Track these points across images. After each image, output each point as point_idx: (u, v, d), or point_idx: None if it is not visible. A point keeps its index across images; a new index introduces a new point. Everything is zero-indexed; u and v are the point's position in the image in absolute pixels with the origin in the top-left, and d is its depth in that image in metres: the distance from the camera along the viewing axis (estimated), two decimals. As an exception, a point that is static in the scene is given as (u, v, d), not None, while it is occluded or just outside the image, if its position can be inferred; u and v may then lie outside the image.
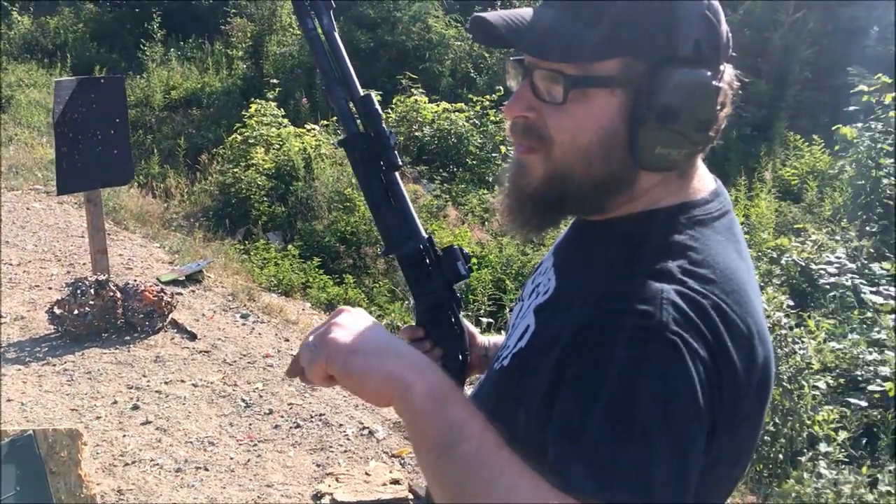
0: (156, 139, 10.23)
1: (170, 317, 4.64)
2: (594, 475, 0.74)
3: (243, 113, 9.18)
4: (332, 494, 3.21)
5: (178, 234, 6.89)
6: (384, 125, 1.30)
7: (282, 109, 9.27)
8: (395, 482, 3.27)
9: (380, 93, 9.45)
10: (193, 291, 5.27)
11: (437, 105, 9.12)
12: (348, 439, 3.64)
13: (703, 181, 1.00)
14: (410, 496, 3.18)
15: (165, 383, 3.98)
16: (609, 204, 0.96)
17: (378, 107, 1.31)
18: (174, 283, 5.25)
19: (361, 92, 1.31)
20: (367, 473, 3.31)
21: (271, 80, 10.07)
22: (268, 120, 8.91)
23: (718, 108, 0.93)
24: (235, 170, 8.26)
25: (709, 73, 0.90)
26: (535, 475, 0.75)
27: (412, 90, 9.37)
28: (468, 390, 1.17)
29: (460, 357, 1.30)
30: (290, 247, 6.77)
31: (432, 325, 1.31)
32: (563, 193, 0.95)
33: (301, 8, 1.30)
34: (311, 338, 0.89)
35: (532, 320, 1.01)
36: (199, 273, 5.48)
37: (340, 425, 3.70)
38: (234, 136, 8.80)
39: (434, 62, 11.30)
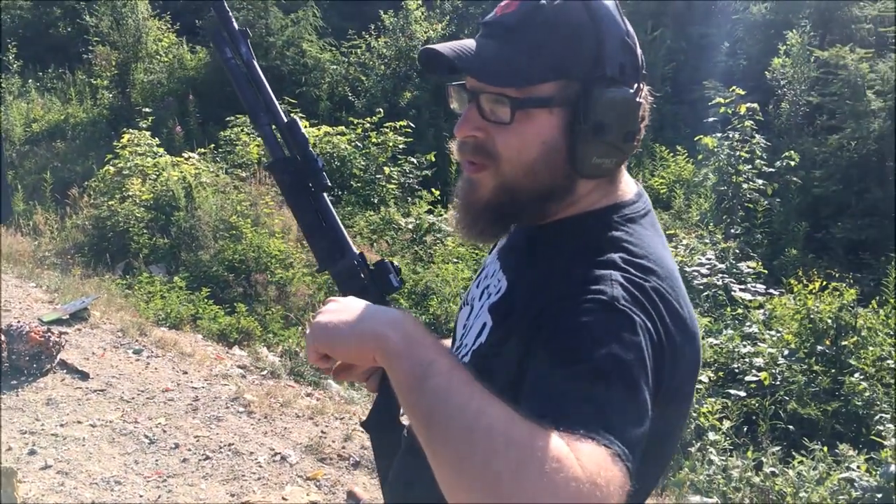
0: (18, 175, 9.73)
1: (58, 357, 4.44)
2: (553, 409, 0.81)
3: (115, 143, 8.87)
4: (250, 523, 3.18)
5: (54, 273, 6.58)
6: (310, 149, 1.36)
7: (156, 138, 9.02)
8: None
9: (257, 118, 9.36)
10: (80, 330, 5.06)
11: (318, 129, 9.12)
12: (261, 466, 3.60)
13: (628, 184, 1.13)
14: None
15: (61, 426, 3.81)
16: (553, 209, 1.07)
17: (304, 132, 1.37)
18: (58, 322, 5.03)
19: (286, 118, 1.36)
20: (283, 498, 3.29)
21: (143, 109, 9.78)
22: (142, 150, 8.65)
23: (640, 120, 1.06)
24: (110, 202, 7.97)
25: (632, 91, 1.02)
26: (503, 403, 0.80)
27: (291, 115, 9.30)
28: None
29: None
30: (175, 279, 6.59)
31: None
32: (512, 204, 1.06)
33: (219, 38, 1.37)
34: (307, 329, 0.99)
35: (488, 318, 1.10)
36: (84, 311, 5.26)
37: (251, 453, 3.66)
38: (106, 167, 8.49)
39: (311, 86, 11.29)
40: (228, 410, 4.15)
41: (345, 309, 0.99)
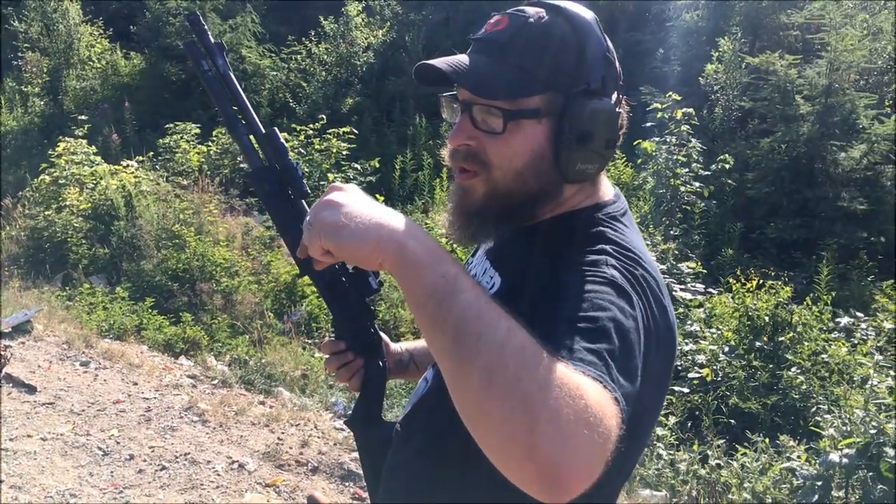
0: (-54, 185, 9.41)
1: (3, 371, 4.33)
2: (562, 355, 0.86)
3: (50, 152, 8.66)
4: (211, 532, 3.16)
5: (-10, 285, 6.40)
6: (289, 157, 1.38)
7: (92, 146, 8.83)
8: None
9: (197, 125, 9.25)
10: (24, 343, 4.93)
11: (261, 136, 9.04)
12: (219, 475, 3.58)
13: (607, 186, 1.21)
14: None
15: (10, 440, 3.72)
16: (541, 212, 1.14)
17: (282, 140, 1.39)
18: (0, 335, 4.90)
19: (264, 128, 1.38)
20: (243, 507, 3.29)
21: (78, 117, 9.56)
22: (78, 158, 8.47)
23: (619, 128, 1.14)
24: (47, 213, 7.78)
25: (612, 102, 1.10)
26: (525, 327, 0.85)
27: (270, 126, 9.21)
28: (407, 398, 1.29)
29: (381, 364, 1.44)
30: (118, 289, 6.47)
31: (352, 337, 1.43)
32: (503, 208, 1.12)
33: (196, 51, 1.37)
34: (308, 217, 0.99)
35: None
36: (26, 323, 5.14)
37: (208, 462, 3.64)
38: (41, 177, 8.28)
39: (251, 92, 11.19)
40: (182, 420, 4.11)
41: (354, 203, 0.97)
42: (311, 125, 9.24)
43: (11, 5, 12.42)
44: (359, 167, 9.03)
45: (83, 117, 9.64)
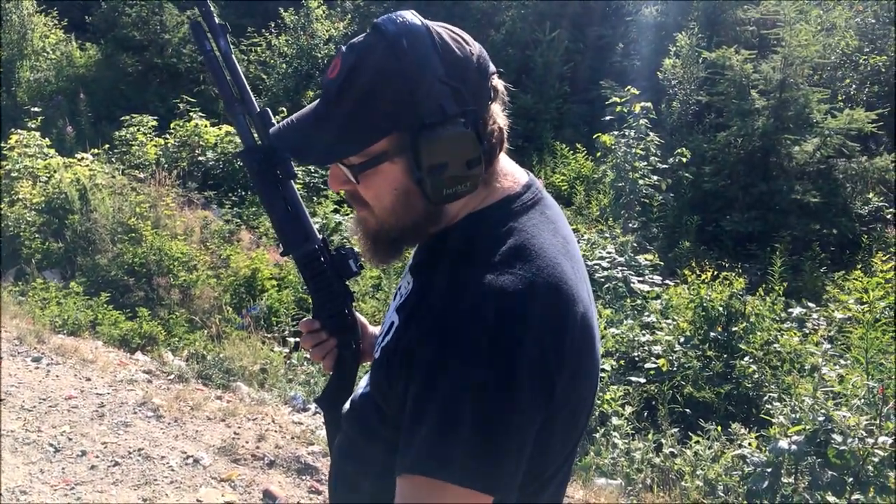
0: None
1: (-49, 368, 4.24)
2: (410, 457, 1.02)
3: (2, 145, 8.47)
4: (164, 528, 3.14)
5: (-61, 280, 6.25)
6: None
7: (45, 139, 8.66)
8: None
9: (154, 118, 9.13)
10: (-25, 339, 4.84)
11: (219, 128, 8.95)
12: (173, 470, 3.55)
13: (514, 176, 1.18)
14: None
15: (-42, 438, 3.65)
16: (433, 229, 1.16)
17: (275, 122, 1.39)
18: (-52, 331, 4.79)
19: (258, 108, 1.42)
20: (198, 500, 3.26)
21: (31, 109, 9.37)
22: (32, 151, 8.29)
23: (490, 136, 1.11)
24: (-1, 206, 7.62)
25: (461, 122, 1.06)
26: None
27: (191, 114, 9.12)
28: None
29: (353, 345, 1.48)
30: (72, 284, 6.36)
31: (327, 317, 1.47)
32: (392, 237, 1.17)
33: (199, 30, 1.42)
34: None
35: (395, 317, 1.19)
36: (-24, 319, 5.03)
37: (162, 457, 3.60)
38: (-7, 169, 8.10)
39: (210, 84, 11.05)
40: (136, 416, 4.06)
41: None
42: (271, 118, 9.15)
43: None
44: (319, 160, 8.96)
45: (36, 109, 9.45)
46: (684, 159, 8.09)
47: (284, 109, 9.39)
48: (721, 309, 5.38)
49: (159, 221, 7.35)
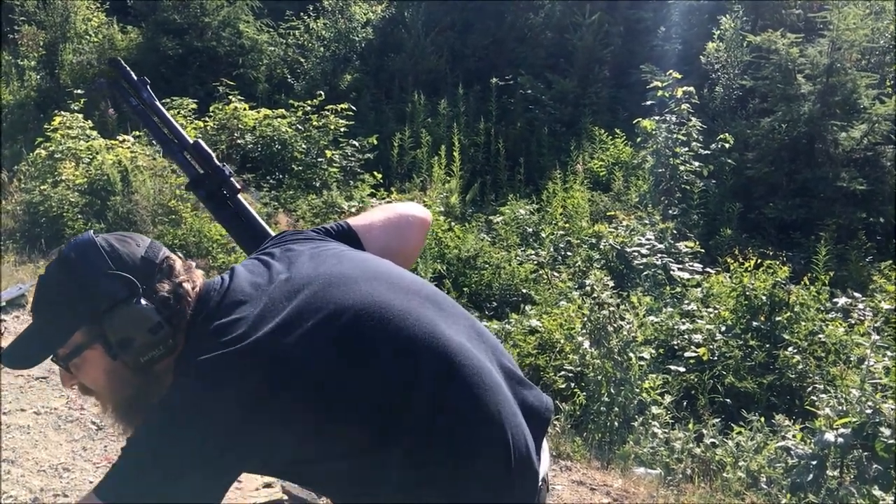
0: (-58, 158, 9.34)
1: (-3, 345, 4.33)
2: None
3: (45, 126, 8.60)
4: (204, 507, 3.16)
5: (-14, 259, 6.38)
6: (216, 161, 1.62)
7: (88, 121, 8.77)
8: (268, 486, 3.26)
9: (194, 100, 9.19)
10: (18, 317, 4.92)
11: (258, 112, 8.99)
12: (212, 451, 3.57)
13: (205, 292, 1.33)
14: (285, 497, 3.20)
15: (4, 414, 3.72)
16: (164, 383, 1.30)
17: (207, 148, 1.63)
18: (-6, 309, 4.88)
19: (190, 140, 1.63)
20: (238, 481, 3.28)
21: (75, 91, 9.49)
22: (75, 133, 8.42)
23: (163, 302, 1.29)
24: (42, 187, 7.74)
25: (133, 300, 1.26)
26: None
27: (230, 97, 9.16)
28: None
29: None
30: (114, 264, 6.44)
31: None
32: (125, 412, 1.33)
33: (122, 90, 1.66)
34: None
35: None
36: (20, 297, 5.12)
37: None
38: (37, 151, 8.23)
39: (248, 68, 11.11)
40: (176, 396, 4.11)
41: None
42: (309, 101, 9.18)
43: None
44: (356, 144, 8.99)
45: (79, 92, 9.57)
46: (727, 145, 7.94)
47: (322, 93, 9.40)
48: (764, 298, 5.28)
49: (198, 203, 7.41)
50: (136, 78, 1.65)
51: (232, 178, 1.61)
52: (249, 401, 1.19)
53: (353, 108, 9.33)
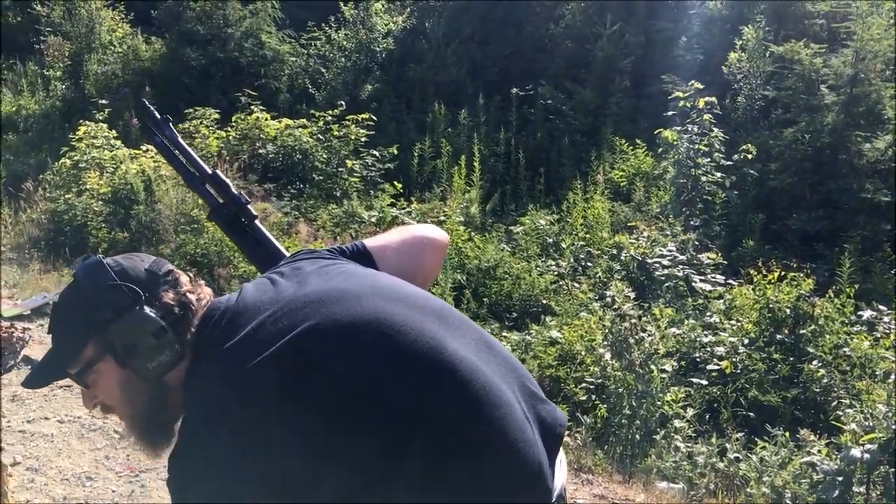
0: (-31, 167, 9.47)
1: (22, 353, 4.37)
2: None
3: (70, 136, 8.70)
4: (226, 517, 3.16)
5: (11, 268, 6.44)
6: (234, 190, 1.71)
7: (112, 131, 8.86)
8: None
9: (216, 111, 9.26)
10: (42, 326, 4.97)
11: (280, 122, 9.05)
12: (234, 461, 3.59)
13: (212, 308, 1.38)
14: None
15: (28, 422, 3.75)
16: (172, 404, 1.36)
17: (225, 178, 1.73)
18: (19, 318, 4.93)
19: (210, 171, 1.72)
20: (259, 492, 3.28)
21: (99, 101, 9.59)
22: (99, 142, 8.51)
23: (167, 308, 1.34)
24: (67, 196, 7.83)
25: (136, 308, 1.32)
26: None
27: (252, 107, 9.23)
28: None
29: None
30: (137, 273, 6.49)
31: None
32: (143, 426, 1.39)
33: (146, 128, 1.76)
34: None
35: None
36: (45, 306, 5.17)
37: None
38: (62, 160, 8.33)
39: (270, 78, 11.19)
40: (198, 405, 4.12)
41: None
42: (330, 111, 9.23)
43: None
44: (377, 154, 9.02)
45: (104, 101, 9.68)
46: (750, 156, 7.89)
47: (343, 103, 9.45)
48: (788, 310, 5.24)
49: (220, 213, 7.45)
50: (159, 117, 1.75)
51: (249, 206, 1.69)
52: (258, 420, 1.23)
53: (374, 118, 9.36)
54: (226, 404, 1.25)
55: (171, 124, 1.77)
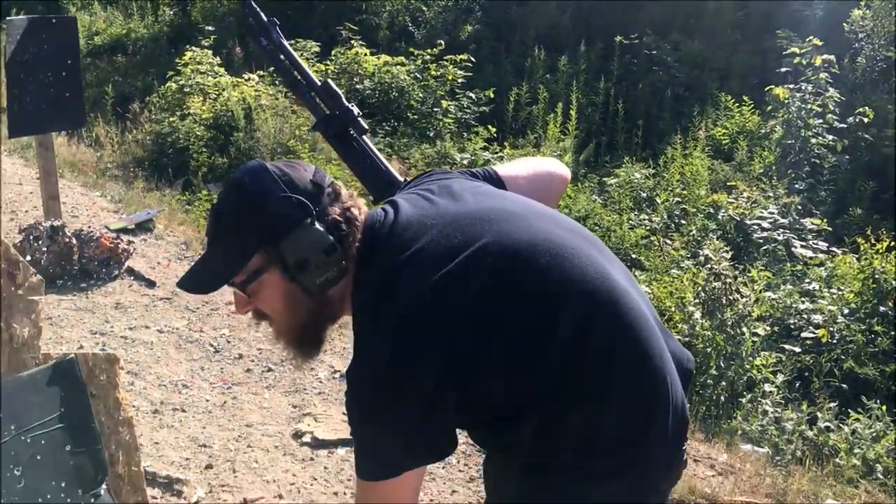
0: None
1: (126, 264, 4.54)
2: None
3: (176, 61, 8.90)
4: (312, 433, 3.26)
5: (117, 184, 6.69)
6: (345, 101, 1.62)
7: (216, 58, 9.01)
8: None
9: (318, 44, 9.30)
10: (145, 240, 5.16)
11: (378, 58, 9.03)
12: (321, 382, 3.68)
13: (365, 224, 1.35)
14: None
15: (130, 329, 3.92)
16: (330, 317, 1.38)
17: (336, 88, 1.63)
18: (124, 231, 5.13)
19: (319, 81, 1.64)
20: (343, 413, 3.36)
21: (206, 28, 9.75)
22: (204, 68, 8.66)
23: (334, 224, 1.31)
24: (171, 119, 8.03)
25: (307, 222, 1.29)
26: None
27: (352, 42, 9.24)
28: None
29: None
30: (234, 198, 6.65)
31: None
32: (300, 336, 1.38)
33: (252, 30, 1.68)
34: None
35: None
36: (149, 222, 5.36)
37: (312, 369, 3.73)
38: (168, 84, 8.54)
39: (371, 14, 11.14)
40: (289, 327, 4.23)
41: None
42: (428, 50, 9.15)
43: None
44: (473, 96, 8.93)
45: (210, 28, 9.84)
46: (866, 119, 7.48)
47: (442, 42, 9.35)
48: (894, 282, 5.00)
49: (316, 145, 7.54)
50: (265, 19, 1.65)
51: (360, 119, 1.62)
52: (442, 329, 1.24)
53: (472, 59, 9.24)
54: (406, 318, 1.24)
55: (277, 28, 1.67)
